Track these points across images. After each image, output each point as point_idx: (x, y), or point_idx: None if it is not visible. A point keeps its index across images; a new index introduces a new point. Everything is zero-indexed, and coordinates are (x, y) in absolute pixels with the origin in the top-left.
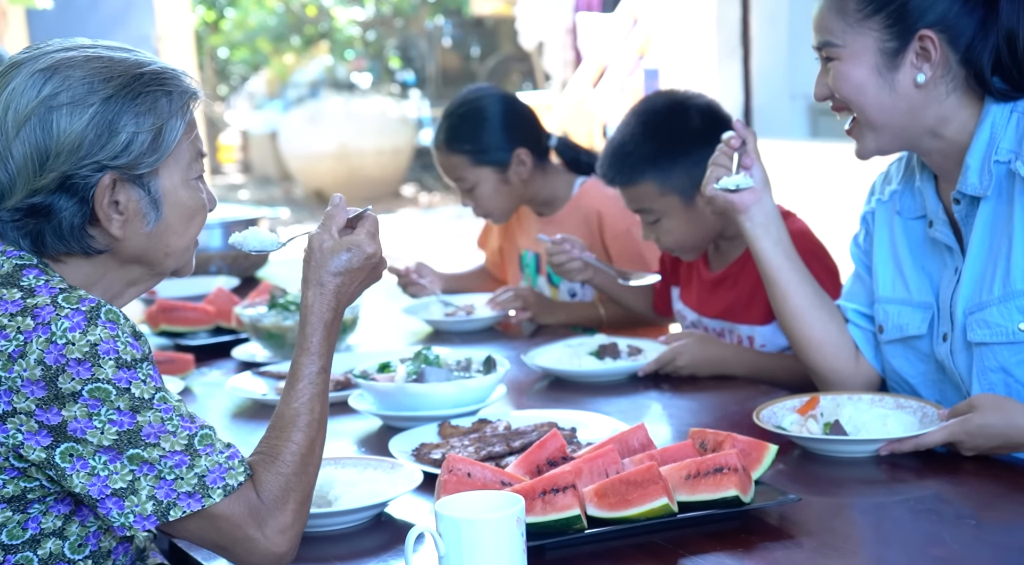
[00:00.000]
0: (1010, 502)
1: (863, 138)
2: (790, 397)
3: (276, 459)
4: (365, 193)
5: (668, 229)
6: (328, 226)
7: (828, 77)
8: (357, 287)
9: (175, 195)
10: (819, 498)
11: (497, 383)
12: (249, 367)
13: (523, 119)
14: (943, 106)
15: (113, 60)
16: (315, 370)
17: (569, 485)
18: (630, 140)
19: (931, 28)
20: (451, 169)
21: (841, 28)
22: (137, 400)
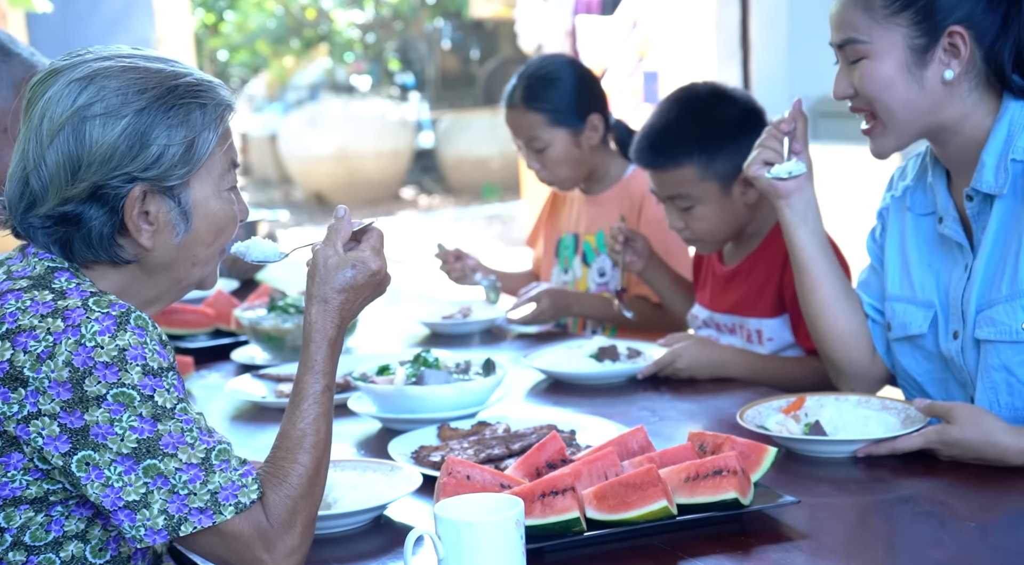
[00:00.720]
0: (1009, 504)
1: (883, 137)
2: (778, 397)
3: (284, 481)
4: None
5: (701, 215)
6: (333, 240)
7: (853, 75)
8: (361, 303)
9: (206, 206)
10: (818, 500)
11: (496, 385)
12: (248, 370)
13: (597, 87)
14: (965, 103)
15: (149, 71)
16: (319, 389)
17: (568, 487)
18: (675, 123)
19: (960, 24)
20: (525, 128)
21: (867, 24)
22: (159, 408)
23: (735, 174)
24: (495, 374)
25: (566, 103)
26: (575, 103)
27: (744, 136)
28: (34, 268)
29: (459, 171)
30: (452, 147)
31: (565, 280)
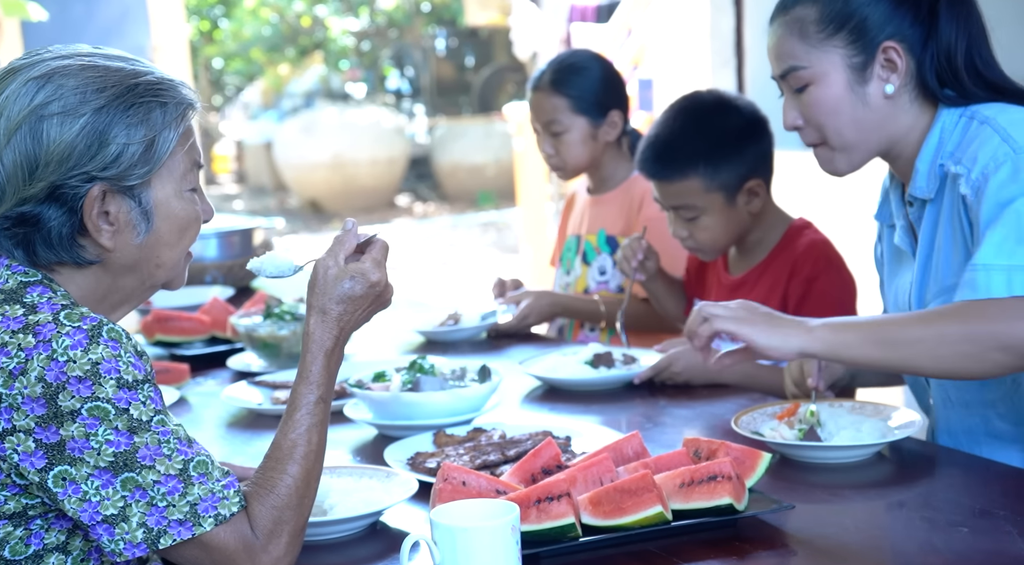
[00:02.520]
0: (1001, 509)
1: (834, 159)
2: (772, 403)
3: (271, 491)
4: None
5: (706, 226)
6: (336, 252)
7: (801, 104)
8: (362, 315)
9: (167, 206)
10: (813, 505)
11: (492, 392)
12: (244, 377)
13: (621, 87)
14: (908, 115)
15: (109, 70)
16: (313, 400)
17: (564, 493)
18: (680, 135)
19: (892, 39)
20: (547, 111)
21: (805, 50)
22: (135, 421)
23: (740, 184)
24: (490, 381)
25: (591, 93)
26: (599, 95)
27: (748, 146)
28: (6, 282)
29: (454, 178)
30: (447, 154)
31: (567, 282)
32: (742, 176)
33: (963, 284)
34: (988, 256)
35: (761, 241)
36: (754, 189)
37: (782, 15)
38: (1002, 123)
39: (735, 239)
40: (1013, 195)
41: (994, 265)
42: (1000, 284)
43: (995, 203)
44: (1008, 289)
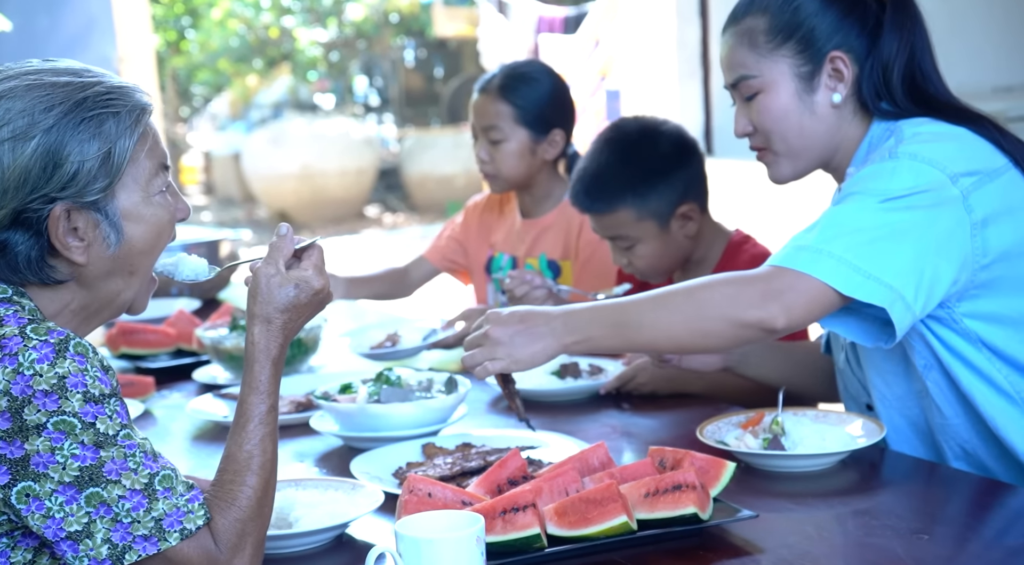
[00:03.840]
0: (960, 516)
1: (778, 165)
2: (737, 413)
3: (232, 504)
4: (329, 214)
5: (642, 254)
6: (275, 259)
7: (751, 112)
8: (303, 321)
9: (136, 214)
10: (776, 514)
11: (458, 403)
12: (210, 389)
13: (570, 107)
14: (850, 125)
15: (55, 86)
16: (264, 409)
17: (529, 504)
18: (606, 168)
19: (839, 49)
20: (490, 115)
21: (755, 60)
22: (102, 435)
23: (672, 210)
24: (457, 392)
25: (537, 107)
26: (545, 110)
27: (676, 172)
28: None
29: (423, 189)
30: (416, 165)
31: (504, 301)
32: (673, 202)
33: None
34: (794, 237)
35: (703, 259)
36: (687, 213)
37: (733, 25)
38: (906, 134)
39: (677, 262)
40: (847, 194)
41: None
42: (789, 256)
43: (836, 198)
44: (793, 262)
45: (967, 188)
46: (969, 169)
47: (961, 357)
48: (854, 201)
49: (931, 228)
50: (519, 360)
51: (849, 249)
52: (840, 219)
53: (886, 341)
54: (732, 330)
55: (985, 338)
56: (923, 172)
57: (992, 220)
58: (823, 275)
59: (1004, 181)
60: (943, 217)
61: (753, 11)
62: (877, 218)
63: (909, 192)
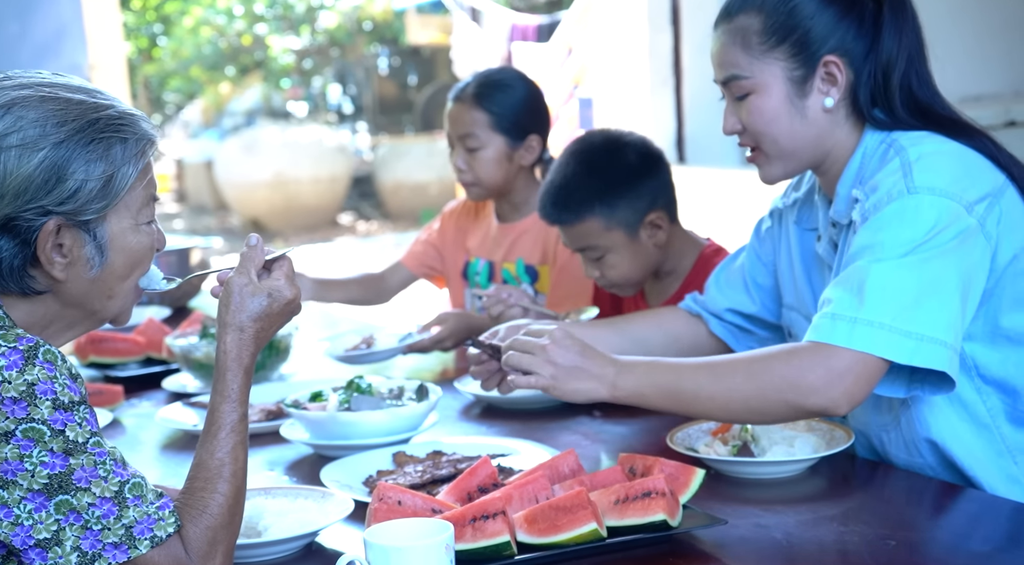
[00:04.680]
0: (926, 521)
1: (767, 166)
2: (707, 420)
3: (203, 512)
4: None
5: (613, 264)
6: (247, 269)
7: (740, 111)
8: (274, 331)
9: (122, 240)
10: (745, 521)
11: (429, 411)
12: (180, 398)
13: (545, 112)
14: (842, 130)
15: (70, 102)
16: (236, 418)
17: (499, 511)
18: (572, 179)
19: (833, 53)
20: (466, 123)
21: (747, 61)
22: (71, 443)
23: (640, 219)
24: (428, 399)
25: (513, 113)
26: (521, 116)
27: (643, 181)
28: None
29: (397, 197)
30: (390, 173)
31: (481, 306)
32: (640, 211)
33: (811, 326)
34: (838, 304)
35: (675, 270)
36: (655, 222)
37: (726, 22)
38: (911, 157)
39: (648, 272)
40: (874, 243)
41: (841, 315)
42: (843, 334)
43: (861, 244)
44: (848, 341)
45: (982, 214)
46: (980, 194)
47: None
48: (885, 255)
49: (963, 266)
50: (561, 389)
51: (899, 316)
52: (880, 281)
53: (922, 387)
54: (792, 413)
55: (980, 362)
56: (943, 207)
57: (999, 239)
58: (881, 351)
59: (1006, 199)
60: (970, 251)
61: (747, 8)
62: (915, 274)
63: (935, 232)
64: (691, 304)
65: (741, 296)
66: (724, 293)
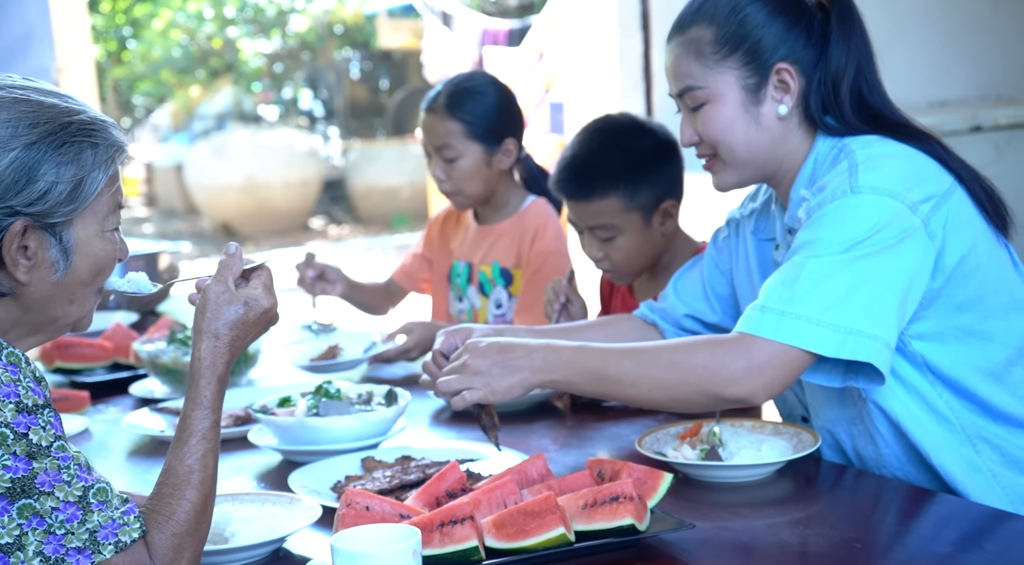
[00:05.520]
0: (892, 524)
1: (723, 173)
2: (675, 424)
3: (170, 519)
4: (273, 226)
5: (622, 246)
6: (224, 277)
7: (696, 122)
8: (250, 339)
9: (87, 246)
10: (713, 524)
11: (398, 416)
12: (147, 403)
13: (518, 114)
14: (795, 138)
15: (43, 105)
16: (208, 425)
17: (467, 516)
18: (599, 153)
19: (785, 61)
20: (441, 134)
21: (701, 71)
22: (35, 447)
23: (656, 204)
24: (397, 404)
25: (486, 119)
26: (495, 122)
27: (664, 166)
28: None
29: (369, 201)
30: (361, 177)
31: (461, 309)
32: (658, 196)
33: (742, 317)
34: (769, 297)
35: (668, 266)
36: (668, 210)
37: (679, 35)
38: (858, 158)
39: (650, 262)
40: (813, 239)
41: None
42: (770, 326)
43: (801, 240)
44: (774, 333)
45: (926, 214)
46: (925, 194)
47: (906, 383)
48: (822, 251)
49: (903, 264)
50: (496, 391)
51: (827, 309)
52: (813, 276)
53: (856, 379)
54: (712, 402)
55: (930, 361)
56: (885, 206)
57: (945, 240)
58: (805, 344)
59: (954, 201)
60: (912, 250)
61: (699, 21)
62: (849, 270)
63: (875, 230)
64: (646, 312)
65: (701, 304)
66: (683, 300)
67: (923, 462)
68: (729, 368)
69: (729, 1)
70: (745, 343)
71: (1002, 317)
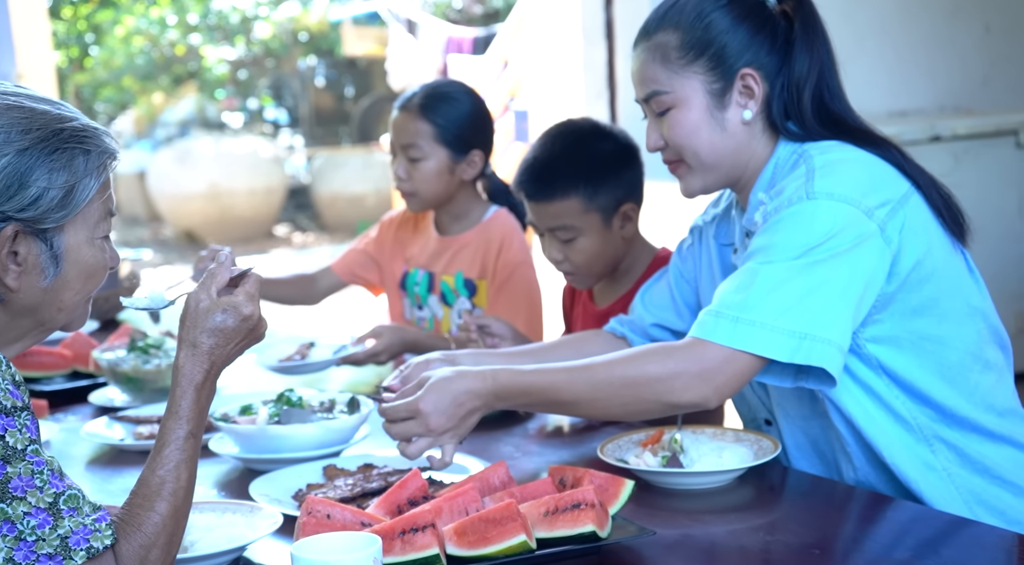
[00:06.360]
0: (851, 530)
1: (690, 177)
2: (638, 431)
3: (138, 529)
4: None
5: (582, 248)
6: (208, 285)
7: (662, 127)
8: (234, 349)
9: (77, 252)
10: (674, 531)
11: (360, 423)
12: (106, 412)
13: (489, 128)
14: (759, 143)
15: (35, 112)
16: (182, 435)
17: (428, 524)
18: (560, 155)
19: (749, 66)
20: (410, 133)
21: (667, 76)
22: (10, 450)
23: (616, 207)
24: (359, 412)
25: (457, 126)
26: (465, 130)
27: (624, 170)
28: None
29: (334, 208)
30: (327, 184)
31: (422, 317)
32: (618, 199)
33: (696, 322)
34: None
35: (628, 270)
36: (628, 213)
37: (645, 40)
38: (816, 164)
39: (609, 265)
40: (768, 245)
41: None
42: (724, 331)
43: (757, 245)
44: (728, 339)
45: (883, 219)
46: (882, 200)
47: (862, 383)
48: (777, 257)
49: (858, 269)
50: (464, 435)
51: (780, 314)
52: (768, 282)
53: (807, 380)
54: (667, 409)
55: (885, 363)
56: (840, 211)
57: (901, 245)
58: (759, 349)
59: (910, 206)
60: (868, 255)
61: (665, 26)
62: (804, 276)
63: (829, 236)
64: (615, 326)
65: (669, 313)
66: (650, 310)
67: (879, 463)
68: (682, 376)
69: (695, 7)
70: (698, 349)
71: (956, 322)
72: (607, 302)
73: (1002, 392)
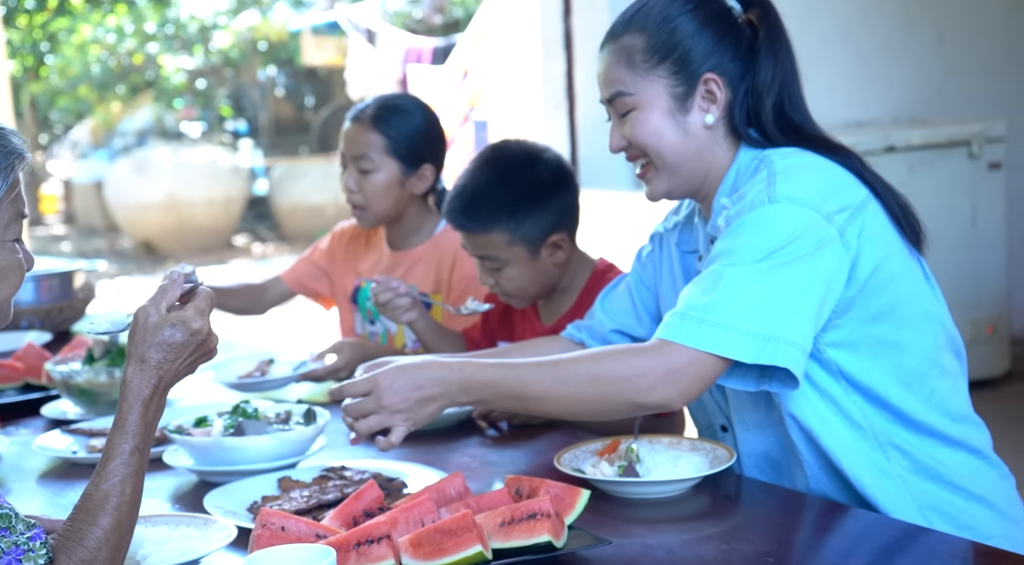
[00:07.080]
0: (806, 538)
1: (656, 180)
2: (594, 441)
3: (79, 545)
4: (196, 244)
5: (510, 277)
6: (158, 300)
7: (625, 128)
8: (183, 364)
9: None
10: (630, 540)
11: (317, 435)
12: (59, 425)
13: (442, 142)
14: (721, 148)
15: None
16: (128, 449)
17: (384, 536)
18: (486, 187)
19: (713, 71)
20: (361, 144)
21: (631, 78)
22: None
23: (543, 238)
24: (316, 423)
25: (409, 139)
26: (417, 144)
27: (553, 200)
28: None
29: (293, 218)
30: (286, 194)
31: (373, 331)
32: (545, 230)
33: (661, 324)
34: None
35: (568, 288)
36: (558, 243)
37: (611, 42)
38: (777, 169)
39: (545, 289)
40: (731, 248)
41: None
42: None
43: (720, 249)
44: (693, 340)
45: (842, 224)
46: (841, 205)
47: (819, 388)
48: (740, 260)
49: (818, 273)
50: (418, 422)
51: (744, 316)
52: (731, 284)
53: (770, 383)
54: (632, 410)
55: (844, 368)
56: (801, 216)
57: (860, 250)
58: (724, 351)
59: (868, 212)
60: (827, 259)
61: (631, 29)
62: (767, 278)
63: (791, 239)
64: (573, 332)
65: (629, 319)
66: (610, 315)
67: (833, 469)
68: (648, 377)
69: (661, 11)
70: (663, 350)
71: (914, 328)
72: (552, 320)
73: (957, 398)
